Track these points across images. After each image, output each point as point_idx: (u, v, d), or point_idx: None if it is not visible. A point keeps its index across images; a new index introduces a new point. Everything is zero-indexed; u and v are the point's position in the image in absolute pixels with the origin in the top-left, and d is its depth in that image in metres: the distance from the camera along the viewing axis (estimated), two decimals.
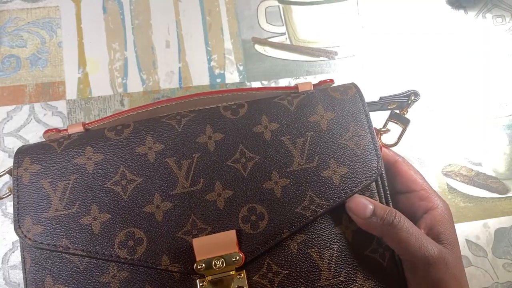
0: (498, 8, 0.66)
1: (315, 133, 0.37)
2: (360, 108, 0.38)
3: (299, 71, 0.61)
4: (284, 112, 0.38)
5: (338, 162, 0.37)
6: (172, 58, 0.60)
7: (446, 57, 0.64)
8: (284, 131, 0.37)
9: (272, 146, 0.37)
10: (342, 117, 0.38)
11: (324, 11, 0.64)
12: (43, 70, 0.58)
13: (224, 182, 0.36)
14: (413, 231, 0.35)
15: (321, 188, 0.36)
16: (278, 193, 0.36)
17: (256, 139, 0.37)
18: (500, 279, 0.56)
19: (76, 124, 0.39)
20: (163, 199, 0.35)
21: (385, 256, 0.37)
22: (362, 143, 0.37)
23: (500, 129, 0.61)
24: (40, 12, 0.60)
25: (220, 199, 0.35)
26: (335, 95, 0.39)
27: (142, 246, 0.34)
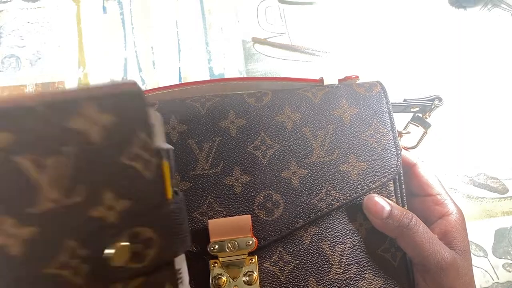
0: (498, 8, 0.66)
1: (337, 126, 0.38)
2: (384, 105, 0.39)
3: (299, 71, 0.61)
4: (307, 104, 0.38)
5: (357, 157, 0.37)
6: (172, 58, 0.60)
7: (445, 56, 0.64)
8: (306, 122, 0.37)
9: (293, 136, 0.37)
10: (365, 113, 0.38)
11: (324, 11, 0.64)
12: (43, 70, 0.58)
13: (243, 167, 0.36)
14: (428, 236, 0.35)
15: (339, 182, 0.36)
16: (295, 183, 0.36)
17: (277, 127, 0.37)
18: (500, 279, 0.56)
19: None
20: (182, 179, 0.36)
21: (396, 256, 0.37)
22: (383, 141, 0.38)
23: (500, 129, 0.61)
24: (40, 12, 0.60)
25: (237, 184, 0.36)
26: (360, 91, 0.39)
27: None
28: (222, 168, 0.37)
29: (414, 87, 0.62)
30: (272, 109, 0.38)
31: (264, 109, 0.38)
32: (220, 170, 0.36)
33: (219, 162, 0.37)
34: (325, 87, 0.39)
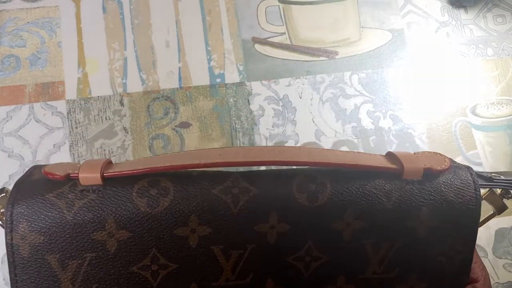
0: (498, 8, 0.66)
1: (407, 240, 0.30)
2: (472, 218, 0.30)
3: (299, 71, 0.61)
4: (376, 209, 0.29)
5: (419, 277, 0.30)
6: (172, 58, 0.60)
7: (445, 55, 0.63)
8: (370, 233, 0.29)
9: (348, 248, 0.30)
10: (447, 227, 0.30)
11: (324, 11, 0.64)
12: (43, 70, 0.58)
13: (278, 280, 0.30)
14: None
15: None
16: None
17: (331, 237, 0.29)
18: (500, 279, 0.56)
19: (91, 168, 0.29)
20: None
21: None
22: (456, 260, 0.31)
23: (500, 129, 0.61)
24: (40, 12, 0.60)
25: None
26: (449, 196, 0.30)
27: None
28: (252, 280, 0.30)
29: (414, 86, 0.62)
30: (329, 214, 0.29)
31: (318, 213, 0.29)
32: (249, 282, 0.30)
33: (249, 273, 0.30)
34: (404, 185, 0.30)
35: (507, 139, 0.61)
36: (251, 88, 0.60)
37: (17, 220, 0.28)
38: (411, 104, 0.61)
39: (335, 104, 0.60)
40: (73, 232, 0.28)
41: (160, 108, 0.58)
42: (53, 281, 0.28)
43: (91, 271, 0.29)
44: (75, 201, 0.28)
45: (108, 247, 0.28)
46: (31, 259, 0.28)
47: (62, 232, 0.28)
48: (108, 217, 0.28)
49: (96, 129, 0.56)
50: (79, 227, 0.28)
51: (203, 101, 0.58)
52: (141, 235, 0.28)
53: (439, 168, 0.30)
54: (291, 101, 0.60)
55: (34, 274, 0.28)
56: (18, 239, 0.28)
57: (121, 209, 0.28)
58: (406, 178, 0.30)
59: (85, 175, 0.29)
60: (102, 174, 0.29)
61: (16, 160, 0.54)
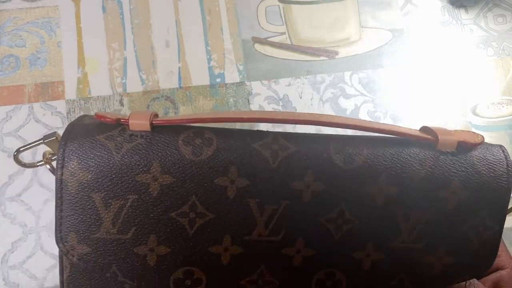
0: (499, 8, 0.66)
1: (437, 211, 0.30)
2: (503, 193, 0.31)
3: (299, 71, 0.61)
4: (410, 176, 0.30)
5: (447, 250, 0.31)
6: (171, 58, 0.60)
7: (445, 55, 0.63)
8: (402, 200, 0.30)
9: (380, 214, 0.30)
10: (477, 200, 0.30)
11: (324, 11, 0.64)
12: (43, 70, 0.58)
13: (309, 240, 0.30)
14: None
15: (417, 274, 0.31)
16: (366, 266, 0.31)
17: (363, 200, 0.30)
18: None
19: (141, 115, 0.30)
20: (233, 242, 0.30)
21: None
22: (484, 236, 0.31)
23: (500, 129, 0.61)
24: (39, 12, 0.59)
25: (298, 256, 0.30)
26: (481, 169, 0.31)
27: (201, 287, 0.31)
28: (283, 237, 0.30)
29: (414, 86, 0.62)
30: (364, 177, 0.30)
31: (353, 175, 0.30)
32: (280, 239, 0.30)
33: (281, 230, 0.30)
34: (438, 154, 0.31)
35: (507, 139, 0.61)
36: (251, 88, 0.60)
37: (68, 157, 0.29)
38: (411, 104, 0.61)
39: (335, 104, 0.60)
40: (120, 172, 0.29)
41: (160, 108, 0.58)
42: (95, 219, 0.29)
43: (132, 213, 0.29)
44: (123, 144, 0.30)
45: (151, 190, 0.29)
46: (77, 195, 0.29)
47: (109, 172, 0.29)
48: (154, 160, 0.29)
49: None
50: (125, 168, 0.29)
51: (203, 101, 0.58)
52: (184, 181, 0.29)
53: (473, 142, 0.31)
54: (291, 101, 0.60)
55: (79, 211, 0.29)
56: (67, 175, 0.29)
57: (167, 155, 0.29)
58: (441, 149, 0.31)
59: (134, 121, 0.30)
60: (151, 121, 0.30)
61: None
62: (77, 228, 0.30)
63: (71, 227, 0.30)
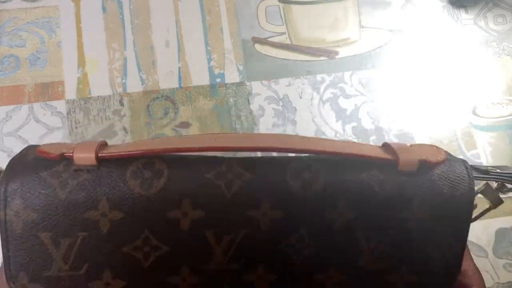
0: (499, 8, 0.66)
1: (399, 232, 0.30)
2: (465, 212, 0.30)
3: (299, 71, 0.61)
4: (369, 199, 0.29)
5: (410, 269, 0.30)
6: (171, 58, 0.60)
7: (445, 55, 0.63)
8: (361, 224, 0.29)
9: (340, 238, 0.30)
10: (439, 220, 0.30)
11: (324, 11, 0.64)
12: (43, 70, 0.58)
13: (270, 266, 0.30)
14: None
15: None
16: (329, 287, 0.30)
17: (323, 226, 0.29)
18: (501, 280, 0.56)
19: (86, 148, 0.29)
20: (191, 272, 0.30)
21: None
22: (447, 254, 0.31)
23: (500, 129, 0.61)
24: (40, 12, 0.60)
25: (260, 282, 0.30)
26: (442, 188, 0.30)
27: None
28: (243, 265, 0.30)
29: (414, 86, 0.62)
30: (322, 202, 0.29)
31: (311, 201, 0.29)
32: (239, 267, 0.30)
33: (240, 259, 0.30)
34: (398, 175, 0.30)
35: (507, 139, 0.61)
36: (251, 88, 0.60)
37: (11, 197, 0.28)
38: (411, 104, 0.61)
39: (335, 104, 0.60)
40: (67, 210, 0.28)
41: (160, 108, 0.58)
42: (46, 258, 0.29)
43: (83, 250, 0.29)
44: (69, 180, 0.28)
45: (101, 226, 0.28)
46: (24, 235, 0.28)
47: (55, 210, 0.28)
48: (101, 197, 0.28)
49: (96, 129, 0.56)
50: (72, 206, 0.28)
51: (203, 101, 0.58)
52: (134, 216, 0.28)
53: (434, 161, 0.30)
54: (291, 101, 0.60)
55: (27, 250, 0.29)
56: (11, 215, 0.28)
57: (115, 190, 0.28)
58: (401, 169, 0.30)
59: (79, 155, 0.29)
60: (96, 155, 0.29)
61: None
62: (27, 267, 0.29)
63: (20, 266, 0.29)
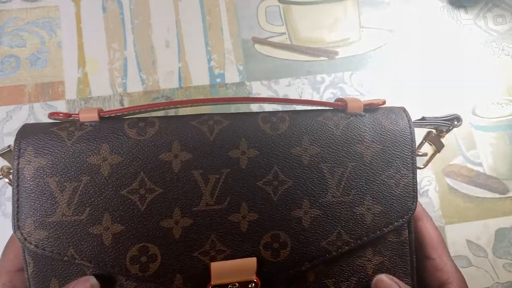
0: (498, 8, 0.66)
1: (357, 164, 0.34)
2: (408, 143, 0.36)
3: (299, 71, 0.61)
4: (328, 136, 0.35)
5: (373, 199, 0.34)
6: (171, 58, 0.60)
7: (445, 55, 0.63)
8: (325, 158, 0.34)
9: (309, 172, 0.34)
10: (389, 151, 0.35)
11: (324, 11, 0.64)
12: (43, 70, 0.58)
13: (251, 204, 0.33)
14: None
15: (351, 225, 0.34)
16: (306, 223, 0.34)
17: (292, 161, 0.34)
18: (500, 280, 0.56)
19: (90, 110, 0.34)
20: (183, 215, 0.32)
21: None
22: (402, 182, 0.35)
23: (500, 129, 0.61)
24: (40, 12, 0.60)
25: (244, 222, 0.33)
26: (386, 124, 0.36)
27: (156, 263, 0.32)
28: (229, 204, 0.33)
29: (414, 85, 0.62)
30: (289, 140, 0.34)
31: (280, 139, 0.34)
32: (226, 206, 0.33)
33: (226, 197, 0.33)
34: (348, 116, 0.36)
35: (507, 139, 0.61)
36: (251, 88, 0.60)
37: (24, 148, 0.32)
38: (411, 104, 0.61)
39: None
40: (72, 156, 0.32)
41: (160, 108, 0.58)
42: (51, 203, 0.31)
43: (86, 194, 0.32)
44: (75, 132, 0.33)
45: (101, 170, 0.32)
46: (34, 181, 0.31)
47: (62, 157, 0.32)
48: (103, 143, 0.32)
49: None
50: (77, 153, 0.32)
51: None
52: (131, 159, 0.32)
53: (376, 103, 0.37)
54: None
55: (35, 196, 0.31)
56: (24, 163, 0.32)
57: (114, 137, 0.32)
58: (351, 112, 0.36)
59: (84, 115, 0.33)
60: (99, 113, 0.34)
61: None
62: (34, 213, 0.31)
63: (28, 213, 0.31)
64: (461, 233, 0.57)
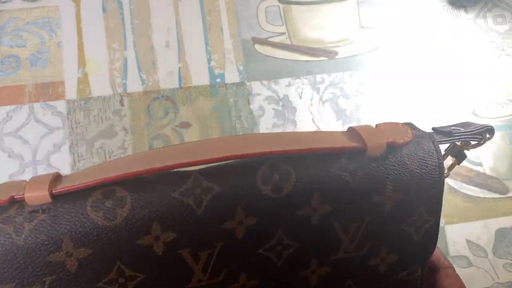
0: (498, 8, 0.66)
1: (375, 217, 0.29)
2: (436, 185, 0.30)
3: (299, 71, 0.61)
4: (342, 190, 0.29)
5: (389, 250, 0.31)
6: (172, 58, 0.60)
7: (445, 55, 0.63)
8: (337, 214, 0.29)
9: (318, 232, 0.29)
10: (413, 199, 0.30)
11: (324, 11, 0.64)
12: (43, 70, 0.58)
13: (251, 272, 0.29)
14: None
15: (363, 277, 0.31)
16: (313, 281, 0.30)
17: (299, 224, 0.29)
18: (500, 279, 0.56)
19: (38, 185, 0.26)
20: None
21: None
22: (423, 229, 0.31)
23: (500, 129, 0.61)
24: (40, 12, 0.60)
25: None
26: (412, 167, 0.30)
27: None
28: (225, 276, 0.29)
29: (414, 86, 0.62)
30: (295, 202, 0.28)
31: (284, 202, 0.28)
32: (221, 279, 0.29)
33: (221, 271, 0.29)
34: (368, 163, 0.29)
35: (507, 139, 0.61)
36: (251, 88, 0.60)
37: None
38: (411, 104, 0.61)
39: (335, 104, 0.60)
40: (27, 257, 0.26)
41: (160, 108, 0.58)
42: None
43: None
44: (24, 224, 0.26)
45: (68, 267, 0.26)
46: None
47: (15, 259, 0.26)
48: (63, 236, 0.26)
49: (96, 129, 0.56)
50: (33, 251, 0.26)
51: (203, 101, 0.58)
52: (102, 250, 0.26)
53: (402, 141, 0.30)
54: (291, 101, 0.60)
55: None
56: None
57: (77, 226, 0.26)
58: (370, 155, 0.29)
59: (31, 194, 0.26)
60: (50, 191, 0.26)
61: (16, 160, 0.54)
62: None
63: None
64: (461, 233, 0.57)
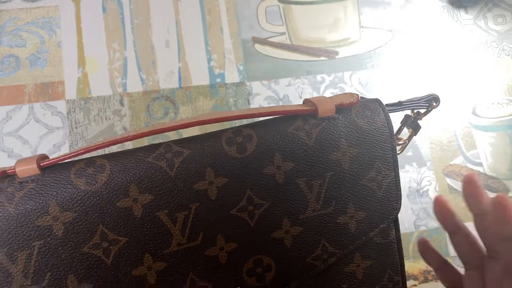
0: (498, 8, 0.66)
1: (335, 173, 0.32)
2: (387, 140, 0.33)
3: (299, 71, 0.61)
4: (301, 148, 0.32)
5: (356, 206, 0.33)
6: (171, 58, 0.60)
7: (445, 55, 0.63)
8: (300, 172, 0.31)
9: (285, 190, 0.31)
10: (367, 153, 0.33)
11: (324, 11, 0.64)
12: (43, 70, 0.58)
13: (227, 234, 0.31)
14: None
15: (335, 236, 0.32)
16: (288, 243, 0.32)
17: (266, 182, 0.31)
18: None
19: (28, 160, 0.30)
20: (155, 259, 0.30)
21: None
22: (384, 183, 0.33)
23: (500, 129, 0.61)
24: (40, 12, 0.60)
25: (222, 254, 0.31)
26: (362, 124, 0.33)
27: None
28: (203, 239, 0.30)
29: (413, 86, 0.62)
30: (259, 160, 0.31)
31: (249, 161, 0.31)
32: (200, 242, 0.30)
33: (198, 233, 0.30)
34: (320, 121, 0.32)
35: (507, 139, 0.61)
36: (251, 88, 0.60)
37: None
38: None
39: None
40: (18, 223, 0.28)
41: (160, 108, 0.58)
42: (5, 277, 0.28)
43: (42, 260, 0.28)
44: (15, 193, 0.29)
45: (55, 231, 0.28)
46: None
47: (6, 225, 0.28)
48: (50, 201, 0.28)
49: (96, 129, 0.56)
50: (22, 217, 0.28)
51: (203, 101, 0.58)
52: (86, 213, 0.29)
53: (348, 102, 0.33)
54: (291, 101, 0.60)
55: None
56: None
57: (62, 192, 0.29)
58: (322, 116, 0.32)
59: (21, 168, 0.29)
60: (38, 164, 0.29)
61: (16, 160, 0.54)
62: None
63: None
64: None
